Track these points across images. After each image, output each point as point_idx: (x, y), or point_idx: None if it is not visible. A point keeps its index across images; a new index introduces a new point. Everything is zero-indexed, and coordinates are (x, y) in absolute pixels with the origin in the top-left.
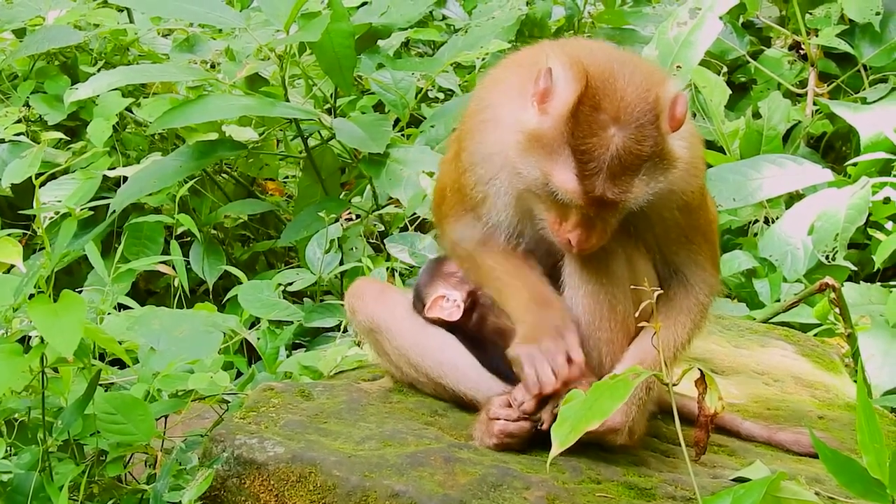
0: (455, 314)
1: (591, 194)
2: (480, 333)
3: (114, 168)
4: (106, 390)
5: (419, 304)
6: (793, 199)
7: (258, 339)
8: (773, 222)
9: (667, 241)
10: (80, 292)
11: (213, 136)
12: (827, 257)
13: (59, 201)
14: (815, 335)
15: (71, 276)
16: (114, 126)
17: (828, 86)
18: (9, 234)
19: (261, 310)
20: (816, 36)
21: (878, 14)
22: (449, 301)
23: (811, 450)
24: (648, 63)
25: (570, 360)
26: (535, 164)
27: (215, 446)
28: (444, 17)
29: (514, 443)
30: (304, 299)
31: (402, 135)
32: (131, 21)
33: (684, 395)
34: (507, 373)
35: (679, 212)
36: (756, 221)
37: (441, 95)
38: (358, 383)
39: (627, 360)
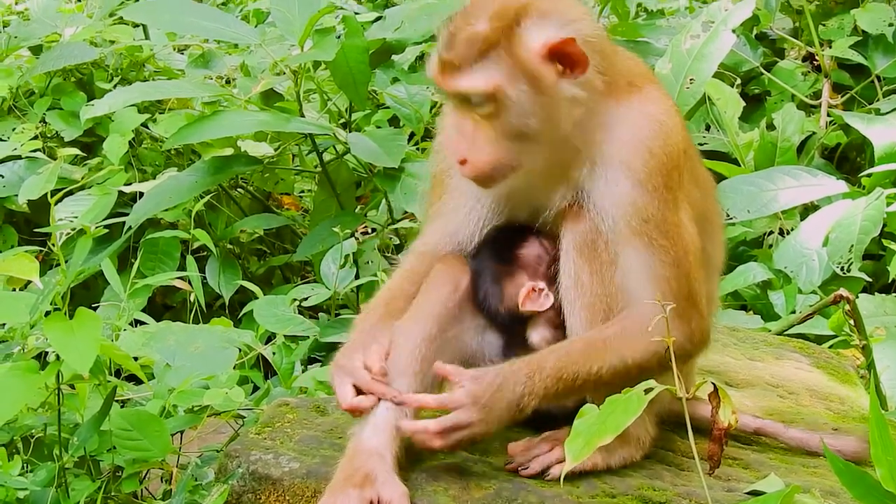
0: (547, 303)
1: (441, 58)
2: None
3: (130, 184)
4: (122, 406)
5: (495, 295)
6: (807, 210)
7: (273, 354)
8: (787, 234)
9: (626, 231)
10: (96, 308)
11: (229, 151)
12: (842, 268)
13: (76, 217)
14: (830, 347)
15: (88, 291)
16: (130, 142)
17: (841, 97)
18: (25, 251)
19: (276, 325)
20: (830, 47)
21: (891, 25)
22: (540, 291)
23: (860, 455)
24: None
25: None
26: None
27: (231, 462)
28: None
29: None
30: (320, 314)
31: (417, 149)
32: (147, 37)
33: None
34: None
35: (631, 186)
36: (771, 233)
37: None
38: None
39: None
